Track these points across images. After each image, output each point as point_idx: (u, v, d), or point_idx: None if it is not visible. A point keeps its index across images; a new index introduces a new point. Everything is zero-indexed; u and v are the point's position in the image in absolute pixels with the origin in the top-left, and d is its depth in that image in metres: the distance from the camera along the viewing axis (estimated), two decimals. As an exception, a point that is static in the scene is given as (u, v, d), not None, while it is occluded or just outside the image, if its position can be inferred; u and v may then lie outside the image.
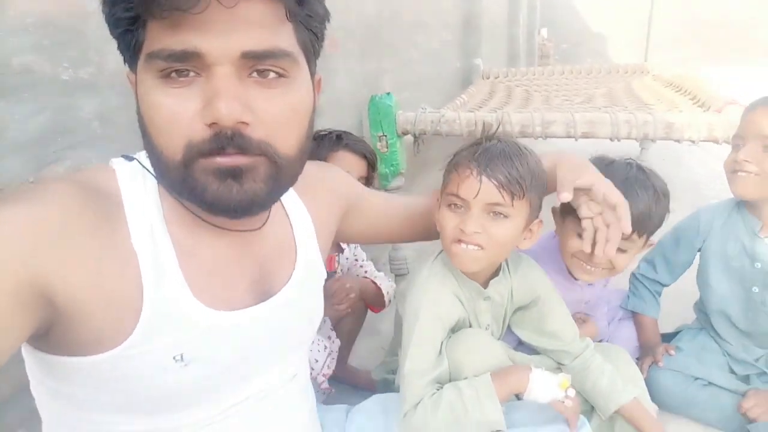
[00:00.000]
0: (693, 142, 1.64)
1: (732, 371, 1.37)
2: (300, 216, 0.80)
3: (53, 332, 0.54)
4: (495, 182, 0.90)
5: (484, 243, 0.93)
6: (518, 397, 0.97)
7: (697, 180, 3.28)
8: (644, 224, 1.16)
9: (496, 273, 1.08)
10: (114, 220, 0.58)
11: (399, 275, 2.03)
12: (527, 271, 1.13)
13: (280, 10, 0.55)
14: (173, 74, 0.53)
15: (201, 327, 0.62)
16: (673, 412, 1.34)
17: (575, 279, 1.29)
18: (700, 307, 1.50)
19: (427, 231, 1.06)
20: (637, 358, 1.43)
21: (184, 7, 0.48)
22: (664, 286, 1.53)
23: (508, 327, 1.17)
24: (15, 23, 0.86)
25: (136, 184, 0.62)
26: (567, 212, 1.17)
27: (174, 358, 0.60)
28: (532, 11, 7.79)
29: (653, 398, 1.18)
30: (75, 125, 0.97)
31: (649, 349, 1.44)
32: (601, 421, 1.09)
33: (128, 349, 0.57)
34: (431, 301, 1.01)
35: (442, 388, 0.95)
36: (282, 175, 0.60)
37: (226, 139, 0.54)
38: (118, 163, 0.63)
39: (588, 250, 0.95)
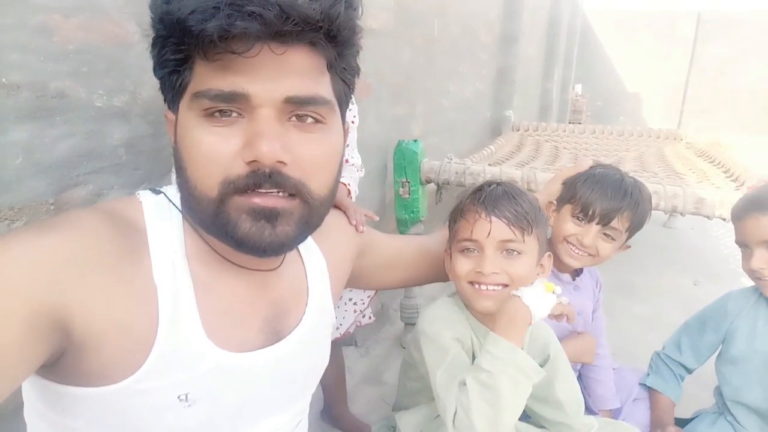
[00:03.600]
0: (724, 220, 1.59)
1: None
2: (314, 259, 0.80)
3: (63, 361, 0.55)
4: (504, 220, 0.93)
5: (505, 281, 0.95)
6: None
7: (725, 254, 3.18)
8: (633, 220, 1.24)
9: None
10: (137, 253, 0.59)
11: (410, 324, 1.99)
12: (537, 331, 1.10)
13: (322, 61, 0.59)
14: (217, 114, 0.56)
15: (210, 367, 0.62)
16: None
17: (566, 279, 1.34)
18: (719, 392, 1.42)
19: (443, 271, 1.07)
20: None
21: (240, 51, 0.52)
22: (688, 370, 1.46)
23: None
24: (56, 49, 0.88)
25: (161, 217, 0.63)
26: (563, 200, 1.28)
27: (179, 397, 0.60)
28: (568, 67, 7.86)
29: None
30: (102, 151, 0.98)
31: (660, 429, 1.37)
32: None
33: (135, 384, 0.57)
34: (446, 325, 1.01)
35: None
36: (312, 217, 0.62)
37: (264, 177, 0.56)
38: (144, 196, 0.65)
39: None
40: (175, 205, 0.65)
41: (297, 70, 0.56)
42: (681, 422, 1.43)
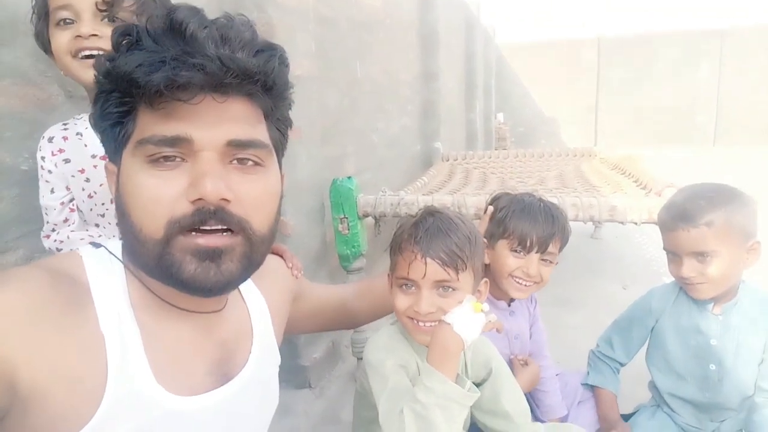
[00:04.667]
0: (636, 224, 1.74)
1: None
2: (255, 300, 0.82)
3: (8, 418, 0.54)
4: (438, 261, 0.95)
5: (441, 317, 0.97)
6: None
7: (648, 258, 3.42)
8: (563, 240, 1.32)
9: None
10: (82, 305, 0.59)
11: (360, 358, 2.00)
12: (480, 344, 1.15)
13: (259, 111, 0.65)
14: (161, 159, 0.59)
15: (162, 413, 0.62)
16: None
17: (502, 306, 1.38)
18: (654, 386, 1.52)
19: (370, 313, 1.16)
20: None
21: (184, 99, 0.56)
22: (621, 365, 1.55)
23: None
24: (-23, 117, 0.88)
25: (103, 269, 0.64)
26: (495, 237, 1.31)
27: None
28: (488, 98, 8.32)
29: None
30: (30, 215, 0.97)
31: (609, 426, 1.44)
32: None
33: None
34: (388, 353, 1.03)
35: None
36: (254, 254, 0.65)
37: (209, 213, 0.59)
38: (84, 250, 0.65)
39: None
40: (116, 256, 0.66)
41: (237, 117, 0.61)
42: (623, 418, 1.51)
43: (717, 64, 10.01)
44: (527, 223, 1.27)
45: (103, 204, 0.99)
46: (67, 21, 0.88)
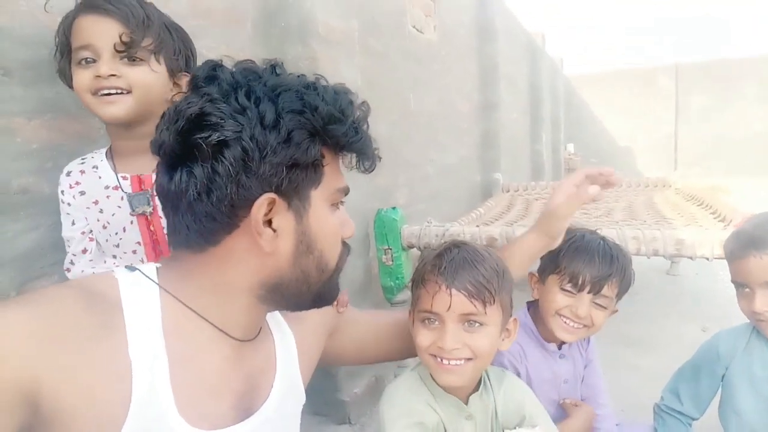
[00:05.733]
0: (707, 259, 1.57)
1: None
2: (285, 338, 0.82)
3: None
4: (465, 293, 0.90)
5: (467, 355, 0.92)
6: None
7: (731, 296, 3.10)
8: (621, 285, 1.20)
9: (476, 387, 1.01)
10: (113, 328, 0.60)
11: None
12: (512, 388, 1.05)
13: None
14: (338, 204, 0.74)
15: None
16: None
17: (552, 348, 1.26)
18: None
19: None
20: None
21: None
22: (693, 419, 1.38)
23: None
24: (19, 149, 0.94)
25: (137, 293, 0.64)
26: (547, 271, 1.20)
27: None
28: (556, 128, 8.09)
29: None
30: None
31: None
32: None
33: None
34: (402, 411, 0.95)
35: None
36: None
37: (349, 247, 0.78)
38: (120, 273, 0.66)
39: None
40: (152, 279, 0.67)
41: None
42: (696, 480, 1.34)
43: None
44: (582, 260, 1.16)
45: (116, 234, 1.01)
46: (88, 60, 0.92)
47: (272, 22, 1.71)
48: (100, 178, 0.99)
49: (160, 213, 1.04)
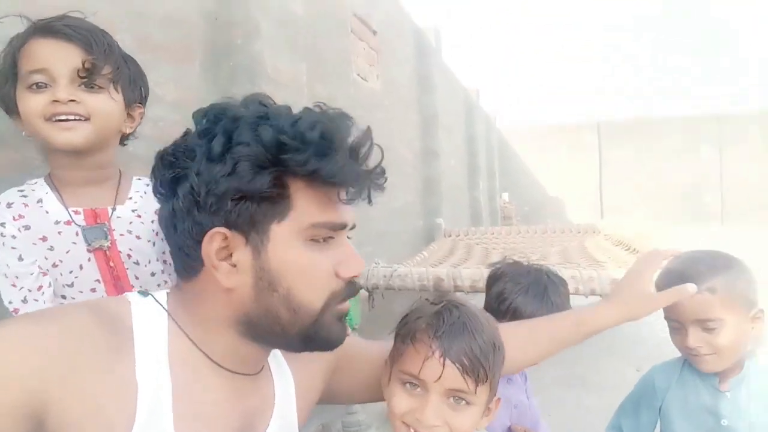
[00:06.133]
0: (639, 296, 1.66)
1: None
2: (284, 378, 0.81)
3: None
4: (459, 366, 0.81)
5: None
6: None
7: (663, 337, 3.27)
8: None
9: None
10: (123, 350, 0.61)
11: (353, 443, 1.86)
12: None
13: None
14: (320, 240, 0.66)
15: None
16: None
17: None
18: (672, 476, 1.37)
19: None
20: None
21: (349, 202, 0.67)
22: (635, 453, 1.42)
23: None
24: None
25: (148, 318, 0.66)
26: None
27: None
28: (492, 177, 8.47)
29: None
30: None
31: None
32: None
33: None
34: None
35: None
36: None
37: (358, 286, 0.69)
38: (133, 297, 0.68)
39: None
40: (163, 306, 0.68)
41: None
42: None
43: (717, 146, 10.22)
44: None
45: (71, 272, 0.94)
46: (40, 85, 0.87)
47: (221, 61, 1.71)
48: (47, 213, 0.92)
49: (119, 247, 1.00)
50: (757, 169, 9.83)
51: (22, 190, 0.94)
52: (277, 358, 0.81)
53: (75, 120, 0.89)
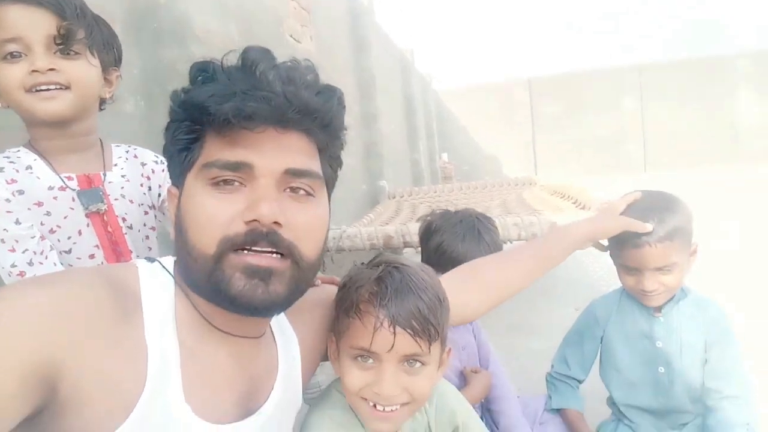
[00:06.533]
0: (577, 238, 1.76)
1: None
2: (287, 339, 0.81)
3: (41, 418, 0.55)
4: (410, 331, 0.78)
5: (406, 399, 0.82)
6: None
7: (596, 277, 3.49)
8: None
9: None
10: (131, 313, 0.61)
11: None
12: (443, 401, 1.00)
13: (314, 146, 0.69)
14: (221, 183, 0.63)
15: None
16: None
17: None
18: (612, 401, 1.50)
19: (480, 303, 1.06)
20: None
21: (249, 127, 0.60)
22: (580, 381, 1.53)
23: None
24: None
25: (155, 283, 0.66)
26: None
27: None
28: (431, 139, 8.55)
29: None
30: None
31: None
32: None
33: None
34: None
35: None
36: (301, 281, 0.67)
37: (261, 235, 0.61)
38: (140, 263, 0.68)
39: None
40: (168, 271, 0.69)
41: (295, 149, 0.65)
42: (586, 436, 1.47)
43: (639, 96, 10.76)
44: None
45: (69, 238, 0.93)
46: (15, 54, 0.86)
47: (142, 23, 1.61)
48: (38, 178, 0.90)
49: (116, 212, 1.00)
50: (677, 117, 10.46)
51: (8, 157, 0.92)
52: (280, 321, 0.81)
53: (56, 89, 0.88)
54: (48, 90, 0.87)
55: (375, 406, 0.81)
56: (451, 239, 1.30)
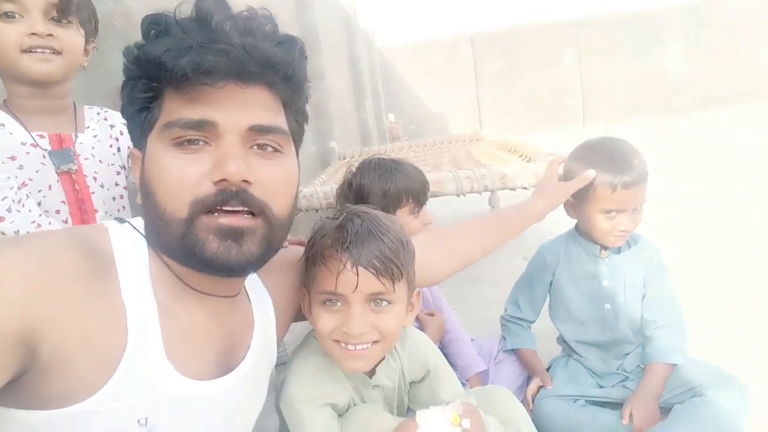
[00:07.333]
0: (525, 188, 1.84)
1: (601, 386, 1.47)
2: (260, 297, 0.82)
3: (23, 382, 0.54)
4: (373, 270, 0.83)
5: (376, 338, 0.87)
6: None
7: (543, 228, 3.64)
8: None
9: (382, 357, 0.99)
10: (106, 275, 0.60)
11: (279, 364, 1.91)
12: (415, 347, 1.06)
13: (279, 100, 0.67)
14: (185, 143, 0.61)
15: (170, 392, 0.64)
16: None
17: None
18: (562, 339, 1.61)
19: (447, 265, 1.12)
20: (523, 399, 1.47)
21: (209, 83, 0.58)
22: (531, 322, 1.63)
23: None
24: None
25: (127, 243, 0.65)
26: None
27: (138, 421, 0.61)
28: (377, 98, 8.47)
29: (540, 429, 1.19)
30: None
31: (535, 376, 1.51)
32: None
33: (96, 404, 0.57)
34: (312, 391, 0.91)
35: None
36: (274, 238, 0.67)
37: (231, 194, 0.60)
38: (111, 224, 0.67)
39: None
40: (140, 231, 0.68)
41: (258, 104, 0.64)
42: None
43: (577, 51, 11.00)
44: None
45: (39, 191, 0.97)
46: (9, 15, 0.89)
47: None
48: (11, 134, 0.95)
49: (85, 171, 1.04)
50: (613, 71, 10.80)
51: None
52: (253, 281, 0.82)
53: (50, 53, 0.94)
54: (43, 53, 0.93)
55: (347, 346, 0.86)
56: (370, 178, 1.38)
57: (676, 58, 10.54)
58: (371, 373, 0.98)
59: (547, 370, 1.59)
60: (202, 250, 0.61)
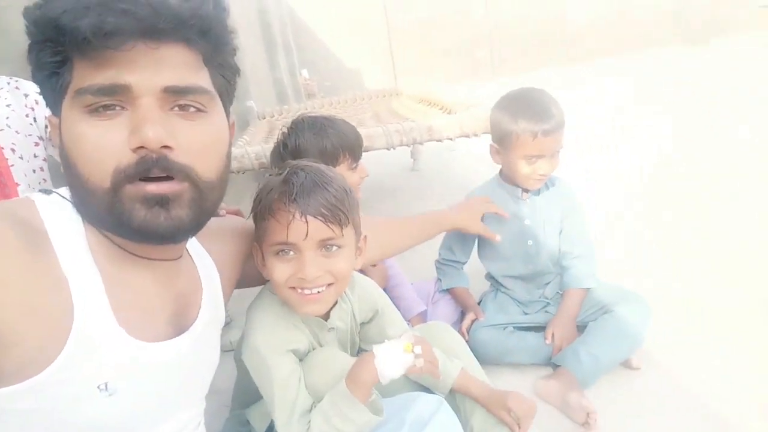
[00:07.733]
0: (451, 139, 1.94)
1: (526, 313, 1.64)
2: (203, 259, 0.83)
3: None
4: (321, 218, 0.88)
5: (329, 280, 0.93)
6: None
7: (465, 183, 3.81)
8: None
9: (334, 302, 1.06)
10: (41, 249, 0.58)
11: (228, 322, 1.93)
12: (363, 290, 1.14)
13: (198, 56, 0.63)
14: (100, 109, 0.58)
15: (125, 356, 0.64)
16: (495, 363, 1.53)
17: None
18: (490, 275, 1.76)
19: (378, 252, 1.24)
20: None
21: (113, 46, 0.54)
22: (463, 264, 1.76)
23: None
24: None
25: (58, 215, 0.63)
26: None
27: (98, 387, 0.61)
28: (290, 54, 8.20)
29: (477, 356, 1.32)
30: None
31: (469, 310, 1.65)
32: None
33: (53, 375, 0.57)
34: (274, 339, 0.96)
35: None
36: (204, 201, 0.65)
37: (152, 162, 0.58)
38: (36, 196, 0.64)
39: None
40: (69, 201, 0.65)
41: (174, 64, 0.60)
42: (472, 307, 1.73)
43: (485, 2, 11.20)
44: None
45: None
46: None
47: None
48: None
49: (2, 143, 0.99)
50: (518, 22, 11.14)
51: None
52: (194, 247, 0.84)
53: None
54: None
55: (303, 291, 0.92)
56: (305, 137, 1.40)
57: (575, 4, 11.01)
58: (326, 317, 1.05)
59: (478, 304, 1.74)
60: (130, 219, 0.59)
